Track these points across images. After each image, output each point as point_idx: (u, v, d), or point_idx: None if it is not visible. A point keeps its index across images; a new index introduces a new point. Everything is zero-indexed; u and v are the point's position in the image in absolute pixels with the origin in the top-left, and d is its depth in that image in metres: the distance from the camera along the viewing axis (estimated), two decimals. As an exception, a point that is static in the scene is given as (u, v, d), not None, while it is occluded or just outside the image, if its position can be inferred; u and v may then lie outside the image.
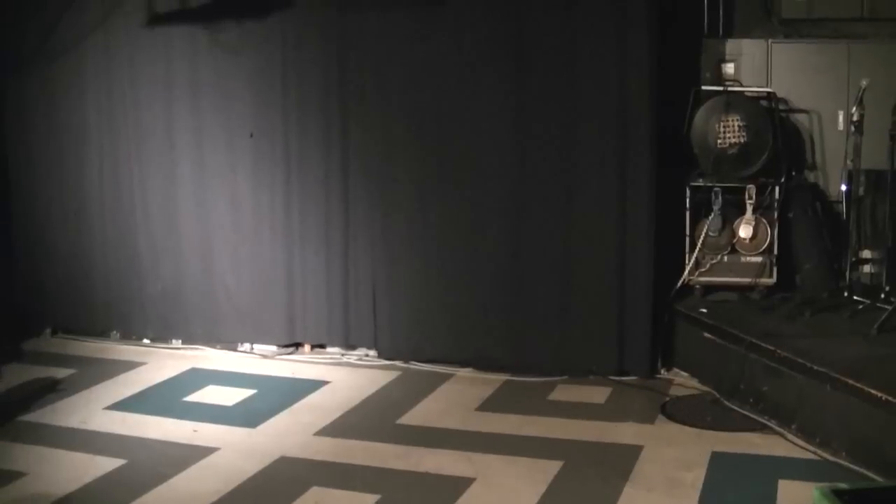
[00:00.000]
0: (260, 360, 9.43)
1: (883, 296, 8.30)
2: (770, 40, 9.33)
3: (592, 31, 8.50)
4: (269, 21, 9.20)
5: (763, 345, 7.63)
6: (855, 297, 8.57)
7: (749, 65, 9.30)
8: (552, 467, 6.73)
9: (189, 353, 9.66)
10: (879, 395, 6.45)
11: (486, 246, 8.88)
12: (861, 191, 8.83)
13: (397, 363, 9.15)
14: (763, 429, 7.31)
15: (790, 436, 7.10)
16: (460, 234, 8.95)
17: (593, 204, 8.61)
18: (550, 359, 8.75)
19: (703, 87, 9.12)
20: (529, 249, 8.79)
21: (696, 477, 6.52)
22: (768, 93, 9.12)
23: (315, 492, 6.41)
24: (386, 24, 8.96)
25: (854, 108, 8.39)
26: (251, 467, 6.82)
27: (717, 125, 8.84)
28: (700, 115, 8.92)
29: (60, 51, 9.78)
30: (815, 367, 7.02)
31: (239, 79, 9.39)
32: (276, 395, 8.37)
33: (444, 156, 8.95)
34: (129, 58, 9.65)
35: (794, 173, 9.16)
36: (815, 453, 6.80)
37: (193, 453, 7.07)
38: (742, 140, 8.81)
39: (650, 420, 7.66)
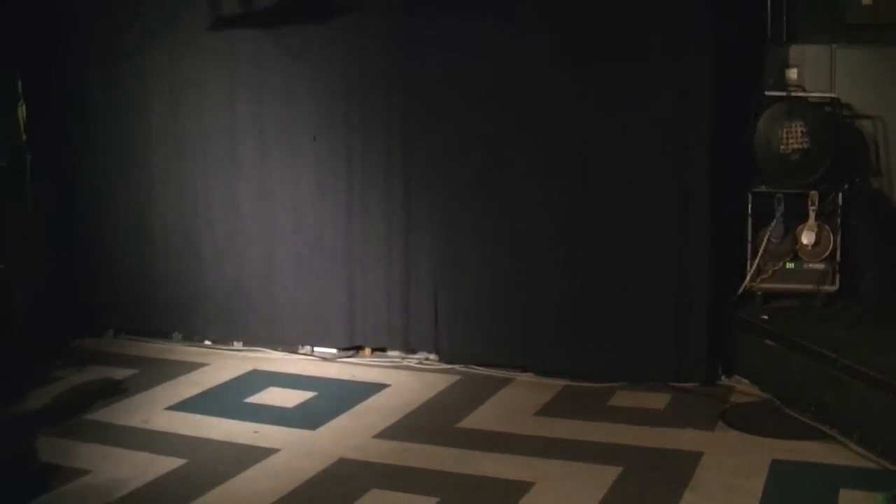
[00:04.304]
0: (320, 363, 9.48)
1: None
2: (834, 46, 9.23)
3: (655, 42, 8.48)
4: (332, 26, 9.22)
5: (825, 353, 7.56)
6: (919, 306, 8.51)
7: (813, 70, 9.21)
8: (611, 473, 6.72)
9: (250, 354, 9.72)
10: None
11: (547, 252, 8.87)
12: (925, 198, 8.77)
13: (457, 367, 9.15)
14: (824, 437, 7.25)
15: (852, 445, 7.04)
16: (521, 239, 8.95)
17: (653, 212, 8.59)
18: (610, 364, 8.72)
19: (767, 93, 9.05)
20: (589, 255, 8.76)
21: (756, 485, 6.48)
22: (832, 99, 9.04)
23: (374, 494, 6.45)
24: (450, 31, 8.95)
25: (919, 115, 8.34)
26: (311, 469, 6.87)
27: (779, 131, 8.76)
28: (763, 121, 8.83)
29: (125, 54, 9.87)
30: (878, 377, 6.96)
31: (302, 83, 9.44)
32: (336, 398, 8.42)
33: (505, 162, 8.95)
34: (193, 61, 9.73)
35: (857, 180, 9.04)
36: (876, 462, 6.75)
37: (254, 454, 7.14)
38: (805, 146, 8.72)
39: (710, 427, 7.62)
